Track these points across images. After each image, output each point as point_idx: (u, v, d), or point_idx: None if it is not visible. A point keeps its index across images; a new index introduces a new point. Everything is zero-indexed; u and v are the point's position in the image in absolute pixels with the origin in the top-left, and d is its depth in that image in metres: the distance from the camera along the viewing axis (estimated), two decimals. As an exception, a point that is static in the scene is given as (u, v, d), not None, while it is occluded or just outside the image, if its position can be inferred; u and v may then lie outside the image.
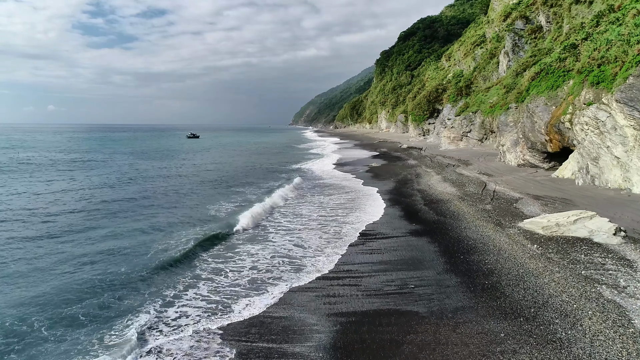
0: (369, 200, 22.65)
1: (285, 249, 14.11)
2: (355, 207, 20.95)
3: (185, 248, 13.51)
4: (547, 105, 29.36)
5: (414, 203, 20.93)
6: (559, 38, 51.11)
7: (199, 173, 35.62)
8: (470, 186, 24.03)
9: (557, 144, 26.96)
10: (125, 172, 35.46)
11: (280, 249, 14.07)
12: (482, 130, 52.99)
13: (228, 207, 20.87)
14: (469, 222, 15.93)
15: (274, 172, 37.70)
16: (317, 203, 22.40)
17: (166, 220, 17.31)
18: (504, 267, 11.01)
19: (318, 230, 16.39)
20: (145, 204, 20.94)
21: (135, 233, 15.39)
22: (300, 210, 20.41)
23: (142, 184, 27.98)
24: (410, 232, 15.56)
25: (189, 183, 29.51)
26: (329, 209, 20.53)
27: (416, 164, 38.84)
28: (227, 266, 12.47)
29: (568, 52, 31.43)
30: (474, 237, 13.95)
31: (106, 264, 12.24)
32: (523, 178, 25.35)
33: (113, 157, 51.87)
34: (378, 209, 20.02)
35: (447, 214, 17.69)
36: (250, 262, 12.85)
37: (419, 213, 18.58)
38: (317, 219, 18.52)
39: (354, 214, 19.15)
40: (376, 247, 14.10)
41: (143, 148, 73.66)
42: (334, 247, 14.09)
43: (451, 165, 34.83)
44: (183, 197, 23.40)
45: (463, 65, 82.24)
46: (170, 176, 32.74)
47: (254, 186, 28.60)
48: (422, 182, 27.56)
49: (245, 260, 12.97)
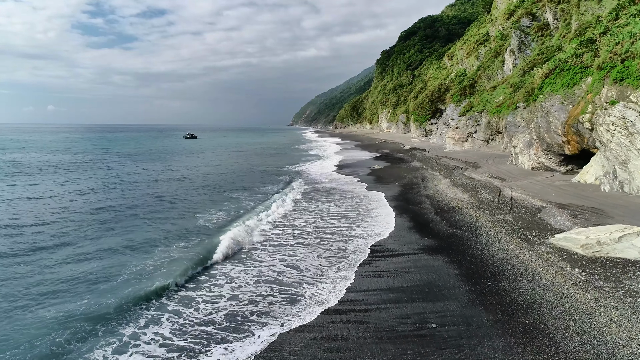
0: (374, 208, 20.61)
1: (276, 271, 11.97)
2: (360, 216, 18.91)
3: (154, 274, 11.43)
4: (563, 104, 27.35)
5: (424, 212, 18.90)
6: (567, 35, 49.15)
7: (192, 176, 33.58)
8: (483, 192, 22.01)
9: (576, 145, 24.96)
10: (113, 175, 33.42)
11: (270, 272, 11.89)
12: (488, 130, 51.00)
13: (219, 217, 18.81)
14: (489, 237, 13.90)
15: (272, 174, 35.69)
16: (317, 211, 20.35)
17: (144, 237, 15.21)
18: (544, 300, 8.98)
19: (317, 246, 14.29)
20: (126, 215, 18.86)
21: (104, 254, 13.28)
22: (297, 221, 18.34)
23: (128, 190, 25.91)
24: (423, 249, 13.53)
25: (180, 188, 27.46)
26: (330, 219, 18.48)
27: (421, 167, 36.82)
28: (200, 294, 10.37)
29: (585, 48, 29.42)
30: (500, 257, 11.92)
31: (63, 295, 10.19)
32: (540, 183, 23.33)
33: (105, 158, 49.84)
34: (386, 219, 17.97)
35: (462, 226, 15.66)
36: (229, 289, 10.70)
37: (431, 224, 16.55)
38: (317, 231, 16.46)
39: (359, 225, 17.10)
40: (384, 267, 12.07)
41: (138, 149, 71.63)
42: (337, 269, 11.95)
43: (459, 168, 32.81)
44: (170, 206, 21.32)
45: (466, 64, 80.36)
46: (160, 180, 30.67)
47: (250, 191, 26.58)
48: (430, 187, 25.55)
49: (223, 287, 10.81)
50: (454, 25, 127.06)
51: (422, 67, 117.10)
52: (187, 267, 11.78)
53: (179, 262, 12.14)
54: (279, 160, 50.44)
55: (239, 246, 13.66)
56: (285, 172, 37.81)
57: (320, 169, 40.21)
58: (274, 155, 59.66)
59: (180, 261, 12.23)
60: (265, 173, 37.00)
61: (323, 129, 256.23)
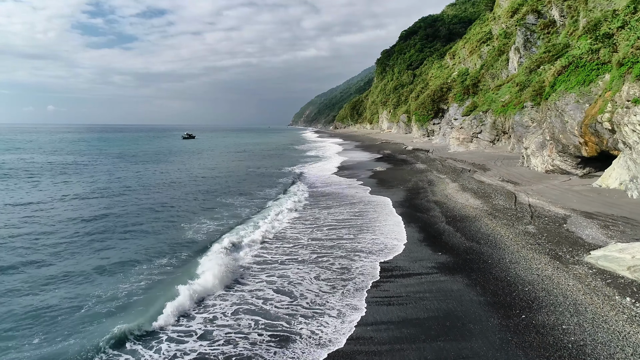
0: (380, 215, 18.87)
1: (263, 299, 9.96)
2: (364, 225, 17.14)
3: (118, 312, 9.57)
4: (579, 103, 25.66)
5: (434, 220, 17.16)
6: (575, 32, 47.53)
7: (185, 180, 31.83)
8: (497, 198, 20.27)
9: (594, 147, 23.26)
10: (100, 180, 31.63)
11: (256, 301, 9.84)
12: (494, 131, 49.32)
13: (209, 227, 16.97)
14: (513, 253, 12.17)
15: (269, 177, 33.95)
16: (316, 219, 18.60)
17: (120, 255, 13.27)
18: (597, 342, 7.26)
19: (315, 264, 12.43)
20: (107, 227, 17.03)
21: (69, 278, 11.36)
22: (293, 231, 16.55)
23: (112, 197, 24.04)
24: (437, 267, 11.79)
25: (170, 194, 25.70)
26: (331, 229, 16.73)
27: (426, 169, 35.09)
28: (166, 331, 8.52)
29: (601, 43, 27.70)
30: (530, 279, 10.20)
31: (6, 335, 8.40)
32: (557, 187, 21.62)
33: (95, 160, 48.05)
34: (395, 229, 16.19)
35: (480, 239, 13.92)
36: (200, 322, 8.84)
37: (443, 236, 14.82)
38: (314, 244, 14.66)
39: (364, 237, 15.33)
40: (395, 291, 10.33)
41: (134, 150, 69.87)
42: (342, 295, 10.04)
43: (466, 171, 31.09)
44: (157, 215, 19.46)
45: (469, 63, 78.82)
46: (149, 185, 28.85)
47: (245, 196, 24.81)
48: (438, 192, 23.81)
49: (194, 320, 8.90)
50: (455, 24, 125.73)
51: (423, 67, 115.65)
52: (157, 298, 9.90)
53: (151, 294, 10.26)
54: (277, 162, 48.70)
55: (222, 267, 11.40)
56: (283, 174, 36.09)
57: (321, 171, 38.49)
58: (273, 157, 57.92)
59: (151, 292, 10.32)
60: (262, 176, 35.28)
61: (323, 129, 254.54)
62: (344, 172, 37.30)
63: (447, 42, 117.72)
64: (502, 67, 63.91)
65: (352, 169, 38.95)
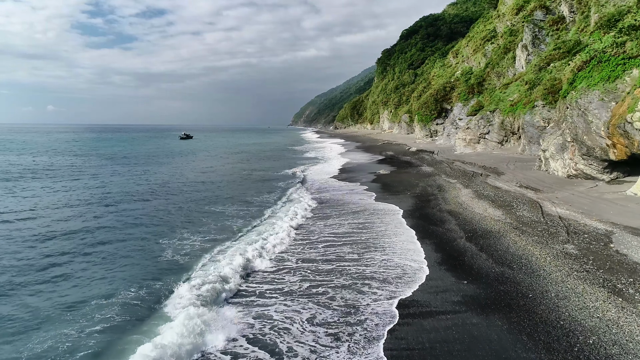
0: (388, 228, 16.55)
1: (233, 353, 7.48)
2: (371, 241, 14.77)
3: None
4: (603, 101, 23.36)
5: (451, 235, 14.83)
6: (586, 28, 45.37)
7: (175, 185, 29.47)
8: (519, 207, 17.93)
9: (623, 150, 20.95)
10: (80, 185, 29.22)
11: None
12: (502, 131, 47.02)
13: (193, 245, 14.52)
14: (558, 284, 9.84)
15: (266, 181, 31.61)
16: (311, 232, 16.25)
17: (78, 285, 10.85)
18: None
19: (309, 298, 9.88)
20: (75, 241, 14.67)
21: (10, 313, 9.14)
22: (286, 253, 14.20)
23: (90, 204, 21.62)
24: (465, 302, 9.45)
25: (155, 200, 23.34)
26: (329, 245, 14.38)
27: (433, 172, 32.74)
28: None
29: (627, 36, 25.42)
30: (591, 326, 7.86)
31: None
32: (585, 195, 19.29)
33: (84, 162, 45.64)
34: (408, 247, 13.83)
35: (511, 262, 11.59)
36: None
37: (466, 257, 12.48)
38: (308, 267, 12.26)
39: (372, 257, 12.92)
40: (415, 340, 7.98)
41: (127, 151, 67.49)
42: (347, 353, 7.47)
43: (478, 175, 28.75)
44: (136, 227, 17.03)
45: (472, 62, 76.68)
46: (133, 192, 26.29)
47: (239, 204, 22.44)
48: (450, 199, 21.47)
49: None
50: (456, 23, 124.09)
51: (425, 66, 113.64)
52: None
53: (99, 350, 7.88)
54: (275, 164, 46.37)
55: (184, 326, 8.26)
56: (281, 177, 33.77)
57: (321, 174, 36.16)
58: (272, 158, 55.58)
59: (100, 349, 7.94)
60: (259, 179, 32.95)
61: (323, 129, 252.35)
62: (345, 175, 35.01)
63: (448, 41, 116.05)
64: (509, 65, 61.73)
65: (353, 172, 36.65)
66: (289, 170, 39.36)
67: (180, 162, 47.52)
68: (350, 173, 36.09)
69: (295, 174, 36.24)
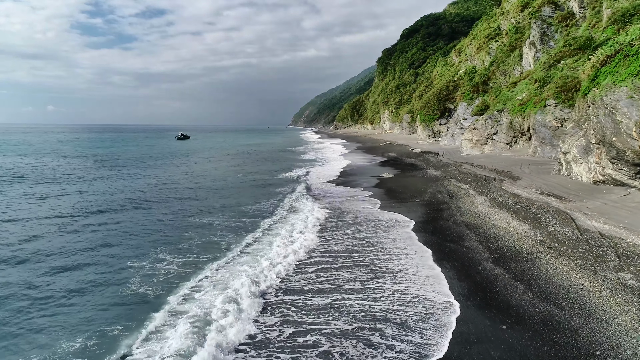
0: (397, 244, 14.20)
1: None
2: (376, 262, 12.40)
3: None
4: (633, 99, 21.06)
5: (474, 257, 12.47)
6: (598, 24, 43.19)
7: (161, 191, 27.08)
8: (548, 220, 15.58)
9: (660, 153, 18.66)
10: (61, 189, 26.88)
11: None
12: (511, 132, 44.73)
13: (169, 271, 12.05)
14: (629, 333, 7.50)
15: (262, 187, 29.22)
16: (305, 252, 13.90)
17: (7, 334, 8.65)
18: None
19: (293, 355, 7.38)
20: (15, 276, 12.26)
21: None
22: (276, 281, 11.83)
23: (52, 220, 18.69)
24: (510, 360, 7.11)
25: (134, 212, 20.79)
26: (325, 270, 11.97)
27: (441, 176, 30.38)
28: None
29: (657, 26, 23.12)
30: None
31: None
32: (621, 205, 16.94)
33: (71, 165, 43.21)
34: (426, 272, 11.45)
35: (557, 297, 9.24)
36: None
37: (497, 287, 10.12)
38: (295, 304, 9.73)
39: (381, 286, 10.54)
40: None
41: (119, 152, 65.08)
42: None
43: (491, 179, 26.39)
44: (101, 251, 14.09)
45: (476, 61, 74.56)
46: (111, 202, 23.67)
47: (230, 214, 20.04)
48: (465, 208, 19.11)
49: None
50: (457, 23, 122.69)
51: (426, 65, 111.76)
52: None
53: None
54: (273, 166, 44.01)
55: None
56: (278, 182, 31.41)
57: (320, 178, 33.80)
58: (269, 160, 53.21)
59: None
60: (255, 184, 30.57)
61: (323, 129, 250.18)
62: (346, 178, 32.69)
63: (450, 40, 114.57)
64: (515, 63, 59.61)
65: (355, 175, 34.31)
66: (287, 173, 37.01)
67: (172, 165, 45.08)
68: (351, 177, 33.76)
69: (294, 177, 33.90)
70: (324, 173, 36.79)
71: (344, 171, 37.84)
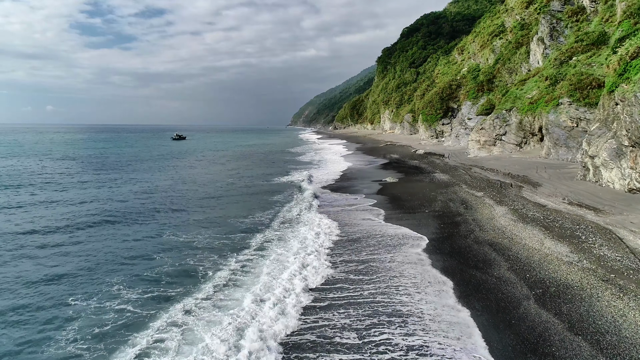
0: (405, 270, 11.55)
1: None
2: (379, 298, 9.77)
3: None
4: (672, 95, 18.41)
5: (510, 292, 9.82)
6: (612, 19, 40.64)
7: (139, 199, 24.42)
8: (590, 239, 12.93)
9: None
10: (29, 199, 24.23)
11: None
12: (521, 132, 42.07)
13: (119, 315, 9.49)
14: None
15: (255, 194, 26.43)
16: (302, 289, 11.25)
17: None
18: None
19: None
20: None
21: None
22: (258, 344, 9.19)
23: (12, 235, 16.49)
24: None
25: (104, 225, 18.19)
26: (309, 312, 9.35)
27: (450, 181, 27.72)
28: None
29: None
30: None
31: None
32: (671, 220, 14.31)
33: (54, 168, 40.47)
34: (449, 317, 8.80)
35: (642, 365, 6.64)
36: None
37: (550, 343, 7.49)
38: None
39: (385, 340, 7.90)
40: None
41: (113, 152, 62.38)
42: None
43: (507, 185, 23.73)
44: (40, 286, 11.41)
45: (480, 59, 71.94)
46: (78, 214, 21.07)
47: (213, 229, 17.32)
48: (484, 222, 16.44)
49: None
50: (458, 21, 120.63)
51: (427, 64, 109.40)
52: None
53: None
54: (269, 170, 41.31)
55: None
56: (273, 189, 28.71)
57: (318, 182, 31.12)
58: (266, 162, 50.49)
59: None
60: (247, 191, 27.85)
61: (322, 129, 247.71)
62: (347, 183, 30.07)
63: (450, 39, 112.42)
64: (522, 61, 57.05)
65: (355, 180, 31.66)
66: (283, 178, 34.33)
67: (160, 169, 42.30)
68: (351, 181, 31.10)
69: (290, 183, 31.21)
70: (323, 177, 34.11)
71: (344, 175, 35.19)
